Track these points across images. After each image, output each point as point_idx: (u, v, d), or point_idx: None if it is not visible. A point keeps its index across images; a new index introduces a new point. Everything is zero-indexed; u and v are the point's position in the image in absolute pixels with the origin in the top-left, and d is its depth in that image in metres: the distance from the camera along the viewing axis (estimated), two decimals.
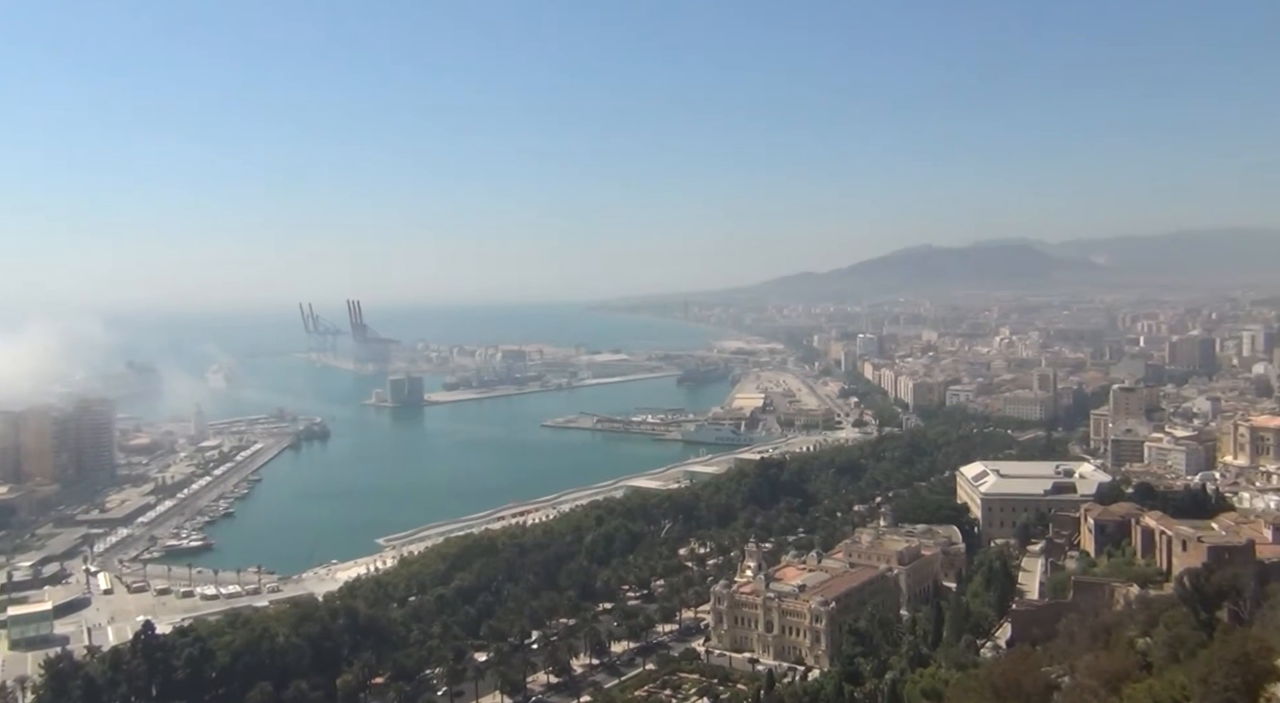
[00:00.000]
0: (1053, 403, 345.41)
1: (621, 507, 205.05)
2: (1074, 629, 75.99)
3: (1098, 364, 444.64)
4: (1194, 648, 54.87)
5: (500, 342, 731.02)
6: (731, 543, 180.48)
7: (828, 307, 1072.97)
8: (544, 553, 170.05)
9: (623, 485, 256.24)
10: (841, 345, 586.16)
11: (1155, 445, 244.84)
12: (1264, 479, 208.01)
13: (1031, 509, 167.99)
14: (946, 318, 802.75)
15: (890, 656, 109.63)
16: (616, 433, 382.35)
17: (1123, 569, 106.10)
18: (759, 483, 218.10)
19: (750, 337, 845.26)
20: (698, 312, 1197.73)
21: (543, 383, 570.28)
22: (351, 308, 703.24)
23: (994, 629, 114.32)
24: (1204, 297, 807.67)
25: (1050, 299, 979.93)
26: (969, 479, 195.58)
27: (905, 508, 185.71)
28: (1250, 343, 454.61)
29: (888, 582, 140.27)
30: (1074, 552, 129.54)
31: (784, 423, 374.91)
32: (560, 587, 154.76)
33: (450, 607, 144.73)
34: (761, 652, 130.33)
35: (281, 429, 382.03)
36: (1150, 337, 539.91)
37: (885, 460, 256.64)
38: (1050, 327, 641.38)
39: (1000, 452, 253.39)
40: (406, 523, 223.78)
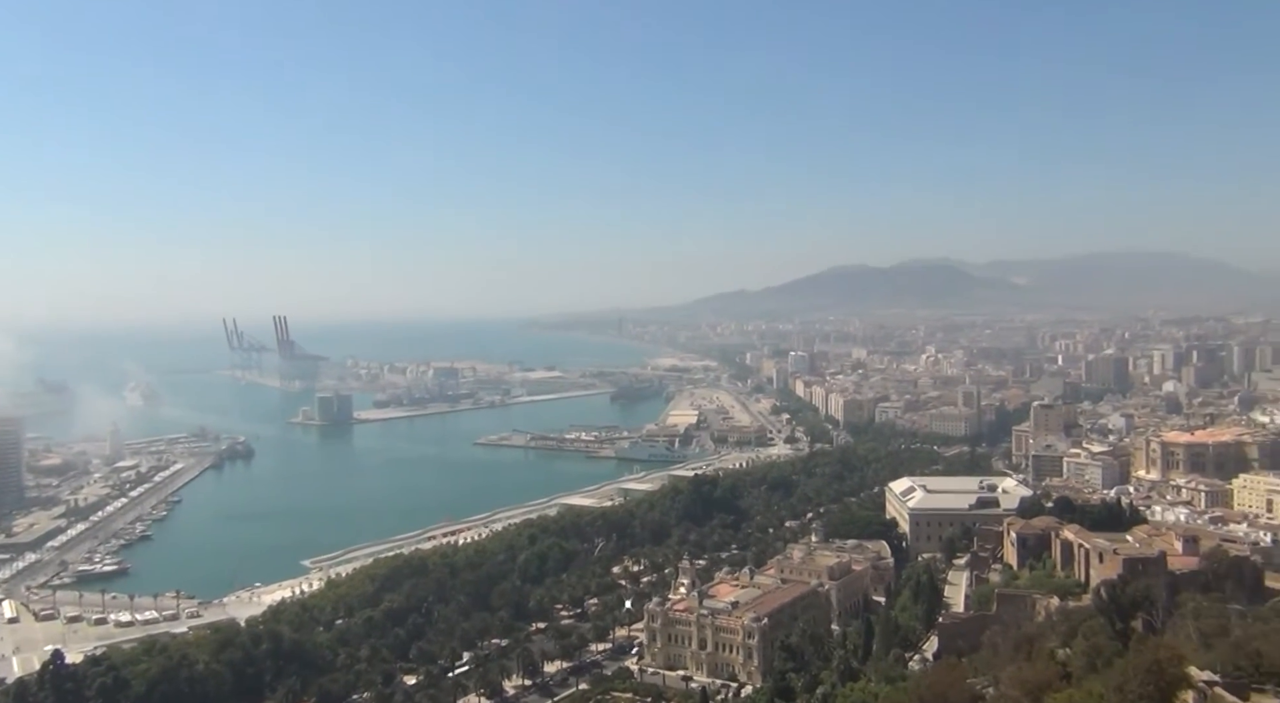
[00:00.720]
0: (977, 419, 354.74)
1: (555, 525, 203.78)
2: (998, 641, 77.86)
3: (1019, 382, 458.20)
4: (1110, 658, 56.55)
5: (432, 358, 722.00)
6: (665, 560, 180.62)
7: (760, 324, 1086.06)
8: (476, 573, 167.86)
9: (556, 503, 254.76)
10: (774, 363, 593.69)
11: (1073, 461, 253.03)
12: (1174, 493, 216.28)
13: (957, 524, 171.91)
14: (875, 336, 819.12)
15: (821, 670, 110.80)
16: (550, 451, 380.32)
17: (1043, 582, 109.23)
18: (692, 500, 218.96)
19: (684, 354, 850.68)
20: (632, 329, 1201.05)
21: (475, 400, 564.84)
22: (278, 324, 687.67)
23: (922, 642, 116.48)
24: (1117, 317, 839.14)
25: (974, 318, 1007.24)
26: (897, 495, 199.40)
27: (836, 524, 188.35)
28: (1161, 362, 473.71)
29: (819, 597, 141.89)
30: (998, 565, 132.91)
31: (717, 440, 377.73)
32: (492, 607, 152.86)
33: (379, 629, 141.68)
34: (695, 669, 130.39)
35: (203, 449, 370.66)
36: (1068, 355, 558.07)
37: (816, 477, 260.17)
38: (974, 345, 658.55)
39: (927, 467, 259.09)
40: (334, 544, 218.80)
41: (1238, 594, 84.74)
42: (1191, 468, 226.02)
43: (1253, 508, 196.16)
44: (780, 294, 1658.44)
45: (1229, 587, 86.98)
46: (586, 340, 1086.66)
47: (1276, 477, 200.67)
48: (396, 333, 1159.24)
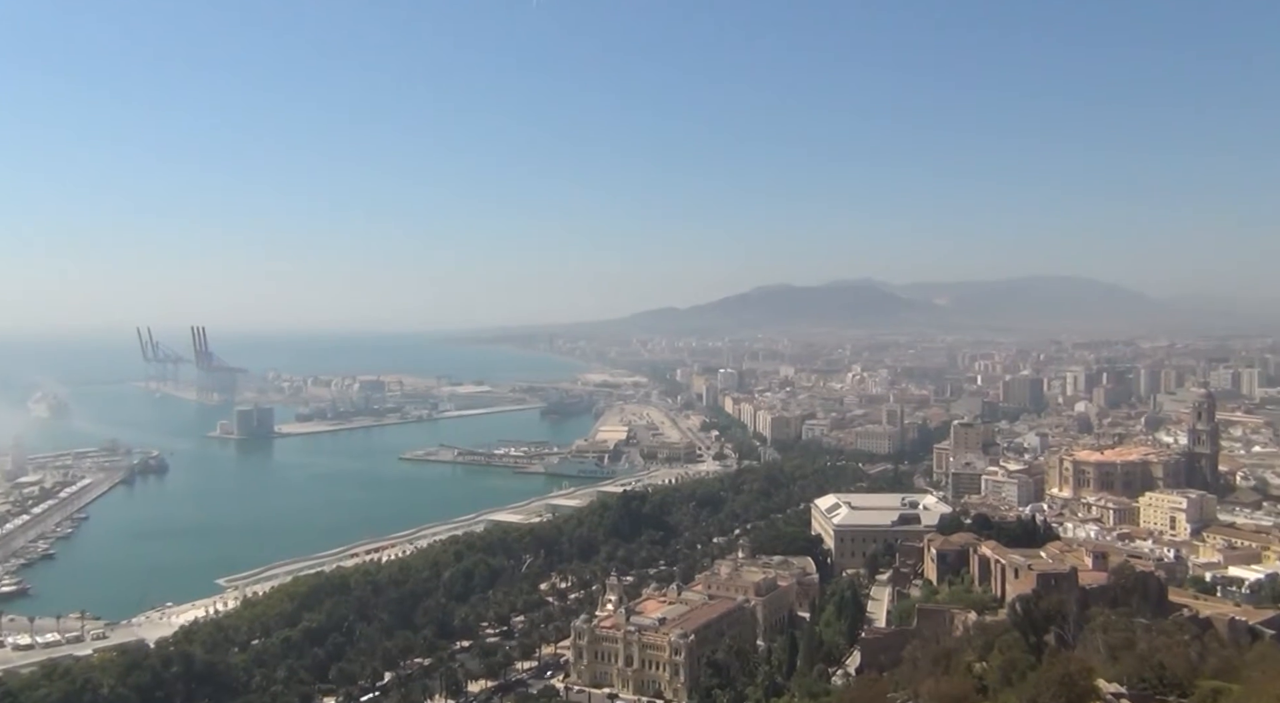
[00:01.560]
0: (900, 437, 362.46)
1: (482, 541, 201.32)
2: (917, 656, 79.44)
3: (940, 401, 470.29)
4: (1024, 671, 58.21)
5: (358, 372, 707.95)
6: (593, 577, 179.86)
7: (690, 341, 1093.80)
8: (400, 591, 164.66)
9: (484, 520, 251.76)
10: (703, 380, 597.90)
11: (991, 478, 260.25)
12: (1085, 510, 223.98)
13: (880, 540, 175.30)
14: (803, 354, 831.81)
15: (747, 686, 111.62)
16: (478, 466, 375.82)
17: (962, 596, 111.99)
18: (621, 516, 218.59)
19: (614, 370, 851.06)
20: (562, 344, 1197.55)
21: (402, 414, 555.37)
22: (196, 334, 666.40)
23: (845, 657, 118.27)
24: (1033, 339, 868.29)
25: (898, 338, 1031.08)
26: (823, 511, 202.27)
27: (763, 540, 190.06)
28: (1073, 383, 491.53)
29: (745, 613, 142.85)
30: (919, 580, 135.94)
31: (647, 456, 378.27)
32: (416, 626, 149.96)
33: (297, 650, 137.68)
34: (621, 687, 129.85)
35: (114, 463, 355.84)
36: (986, 376, 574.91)
37: (744, 493, 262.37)
38: (898, 364, 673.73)
39: (852, 484, 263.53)
40: (251, 562, 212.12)
41: (1143, 608, 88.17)
42: (1101, 486, 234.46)
43: (1157, 525, 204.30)
44: (710, 312, 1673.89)
45: (1135, 601, 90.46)
46: (517, 355, 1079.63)
47: (1179, 495, 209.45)
48: (321, 345, 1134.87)
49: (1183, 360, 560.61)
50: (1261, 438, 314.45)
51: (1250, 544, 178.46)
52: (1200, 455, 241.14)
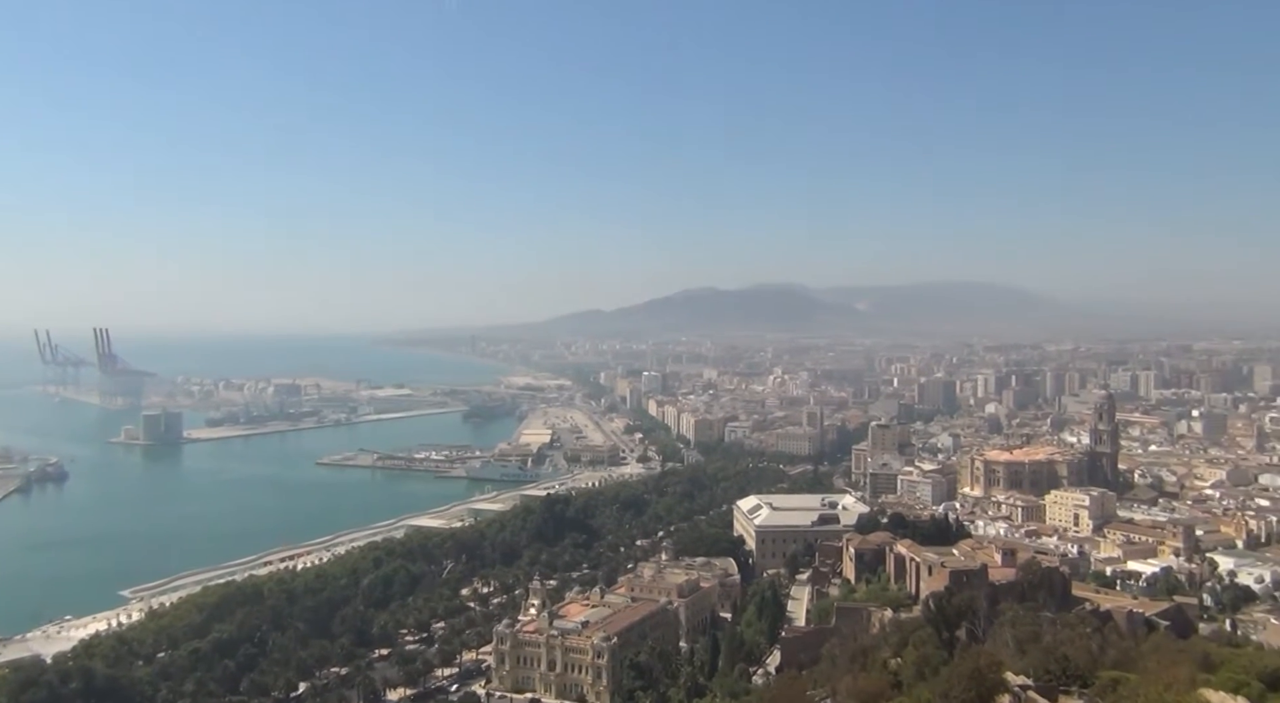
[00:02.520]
0: (820, 439, 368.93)
1: (401, 547, 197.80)
2: (835, 653, 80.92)
3: (858, 403, 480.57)
4: (937, 666, 59.79)
5: (272, 375, 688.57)
6: (516, 581, 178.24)
7: (615, 344, 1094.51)
8: (316, 599, 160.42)
9: (404, 525, 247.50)
10: (627, 382, 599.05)
11: (906, 478, 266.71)
12: (995, 508, 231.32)
13: (801, 540, 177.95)
14: (725, 357, 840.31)
15: (669, 688, 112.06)
16: (398, 470, 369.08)
17: (878, 595, 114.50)
18: (544, 520, 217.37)
19: (538, 373, 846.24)
20: (486, 347, 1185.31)
21: (319, 418, 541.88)
22: (99, 337, 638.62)
23: (765, 657, 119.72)
24: (946, 343, 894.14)
25: (818, 341, 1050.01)
26: (745, 512, 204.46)
27: (686, 541, 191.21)
28: (984, 385, 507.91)
29: (668, 615, 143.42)
30: (837, 579, 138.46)
31: (570, 459, 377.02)
32: (333, 634, 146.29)
33: (206, 662, 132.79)
34: (544, 691, 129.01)
35: (7, 471, 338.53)
36: (902, 378, 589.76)
37: (667, 495, 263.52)
38: (818, 367, 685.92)
39: (773, 485, 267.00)
40: (157, 572, 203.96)
41: (1049, 603, 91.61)
42: (1010, 485, 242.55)
43: (1062, 522, 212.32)
44: (634, 314, 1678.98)
45: (1041, 596, 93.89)
46: (439, 358, 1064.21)
47: (1082, 493, 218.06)
48: (234, 348, 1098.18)
49: (1085, 363, 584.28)
50: (1157, 437, 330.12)
51: (1147, 539, 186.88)
52: (1101, 455, 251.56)
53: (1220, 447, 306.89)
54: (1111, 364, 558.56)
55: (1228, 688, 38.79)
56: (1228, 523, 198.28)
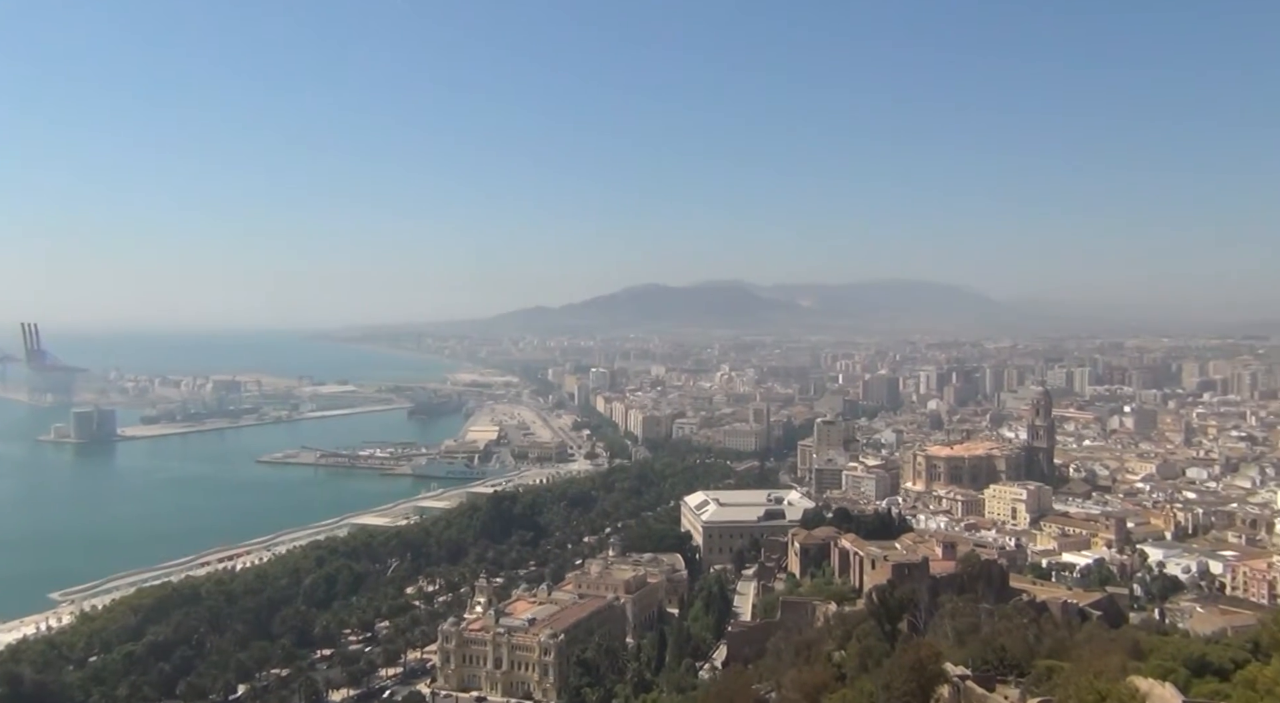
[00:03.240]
0: (766, 435, 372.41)
1: (345, 546, 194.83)
2: (781, 647, 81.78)
3: (804, 399, 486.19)
4: (880, 658, 60.74)
5: (211, 371, 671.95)
6: (462, 579, 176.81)
7: (562, 341, 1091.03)
8: (256, 599, 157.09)
9: (347, 523, 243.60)
10: (575, 379, 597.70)
11: (851, 473, 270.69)
12: (936, 503, 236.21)
13: (747, 536, 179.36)
14: (673, 354, 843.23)
15: (616, 684, 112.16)
16: (341, 468, 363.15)
17: (823, 588, 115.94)
18: (491, 517, 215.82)
19: (485, 369, 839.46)
20: (431, 343, 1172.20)
21: (260, 416, 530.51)
22: (27, 331, 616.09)
23: (712, 651, 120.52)
24: (889, 340, 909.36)
25: (763, 338, 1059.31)
26: (692, 508, 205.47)
27: (633, 538, 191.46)
28: (926, 382, 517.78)
29: (615, 611, 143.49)
30: (783, 574, 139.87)
31: (518, 456, 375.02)
32: (273, 635, 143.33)
33: (141, 665, 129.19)
34: (490, 689, 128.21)
35: None
36: (847, 375, 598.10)
37: (615, 492, 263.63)
38: (764, 364, 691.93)
39: (720, 481, 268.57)
40: (89, 574, 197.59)
41: (987, 594, 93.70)
42: (951, 479, 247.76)
43: (1000, 515, 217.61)
44: (582, 311, 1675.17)
45: (980, 588, 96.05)
46: (384, 354, 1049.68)
47: (1020, 487, 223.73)
48: (171, 344, 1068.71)
49: (1023, 360, 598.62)
50: (1091, 433, 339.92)
51: (1081, 532, 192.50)
52: (1038, 449, 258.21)
53: (1150, 441, 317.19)
54: (1048, 361, 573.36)
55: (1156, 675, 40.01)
56: (1157, 515, 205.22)
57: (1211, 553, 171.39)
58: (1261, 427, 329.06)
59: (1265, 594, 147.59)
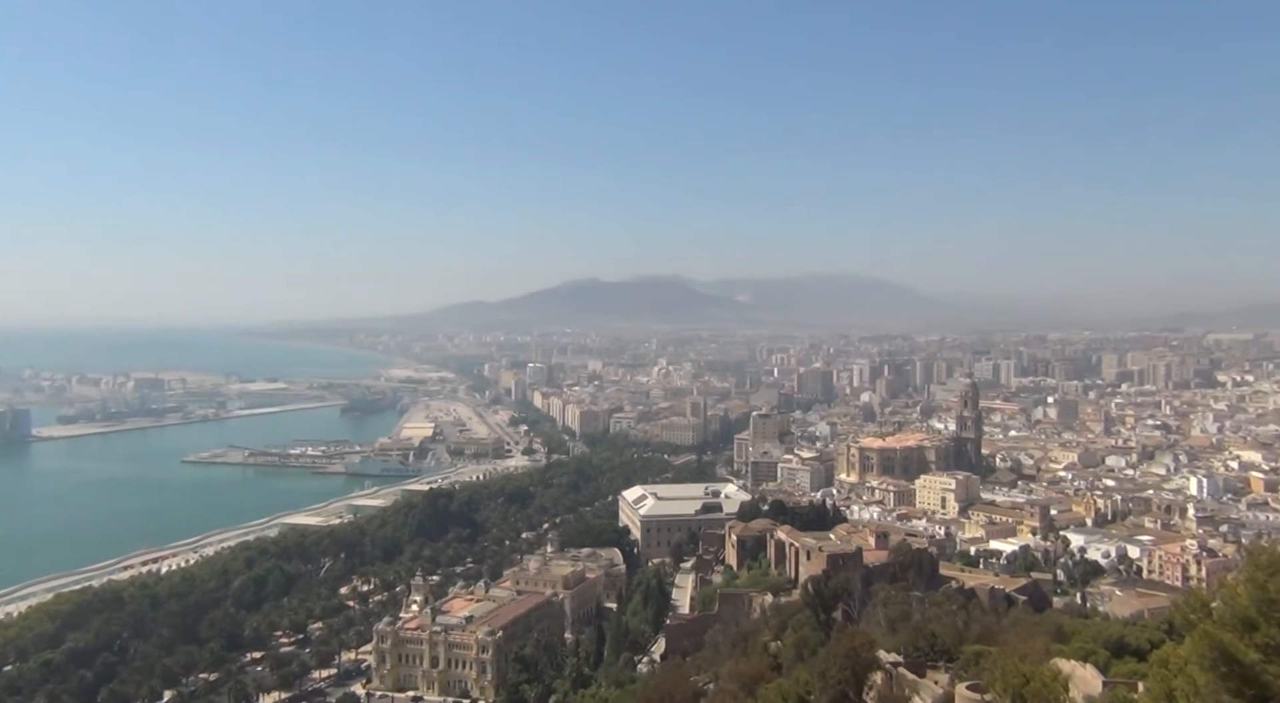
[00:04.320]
0: (703, 428, 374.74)
1: (276, 546, 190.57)
2: (718, 639, 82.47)
3: (740, 393, 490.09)
4: (815, 647, 61.56)
5: (133, 369, 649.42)
6: (398, 578, 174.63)
7: (499, 336, 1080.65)
8: (182, 603, 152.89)
9: (278, 523, 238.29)
10: (512, 374, 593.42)
11: (786, 466, 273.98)
12: (869, 493, 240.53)
13: (685, 529, 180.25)
14: (610, 349, 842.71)
15: (555, 679, 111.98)
16: (272, 467, 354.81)
17: (760, 580, 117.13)
18: (427, 514, 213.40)
19: (420, 365, 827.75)
20: (364, 339, 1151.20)
21: (185, 414, 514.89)
22: None
23: (650, 645, 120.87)
24: (824, 334, 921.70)
25: (701, 333, 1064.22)
26: (630, 503, 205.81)
27: (571, 533, 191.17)
28: (859, 375, 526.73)
29: (553, 607, 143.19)
30: (720, 566, 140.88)
31: (454, 452, 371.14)
32: (201, 639, 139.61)
33: (60, 673, 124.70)
34: (427, 689, 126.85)
35: None
36: (783, 368, 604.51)
37: (553, 487, 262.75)
38: (701, 358, 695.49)
39: (658, 475, 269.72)
40: (2, 580, 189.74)
41: (918, 582, 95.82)
42: (883, 470, 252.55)
43: (931, 505, 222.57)
44: (518, 306, 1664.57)
45: (912, 576, 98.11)
46: (315, 351, 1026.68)
47: (949, 477, 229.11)
48: (90, 341, 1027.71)
49: (952, 353, 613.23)
50: (1017, 423, 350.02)
51: (1007, 520, 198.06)
52: (967, 440, 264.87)
53: (1073, 431, 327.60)
54: (975, 354, 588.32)
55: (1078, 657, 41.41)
56: (1078, 503, 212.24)
57: (1129, 538, 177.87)
58: (1175, 416, 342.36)
59: (1179, 577, 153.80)
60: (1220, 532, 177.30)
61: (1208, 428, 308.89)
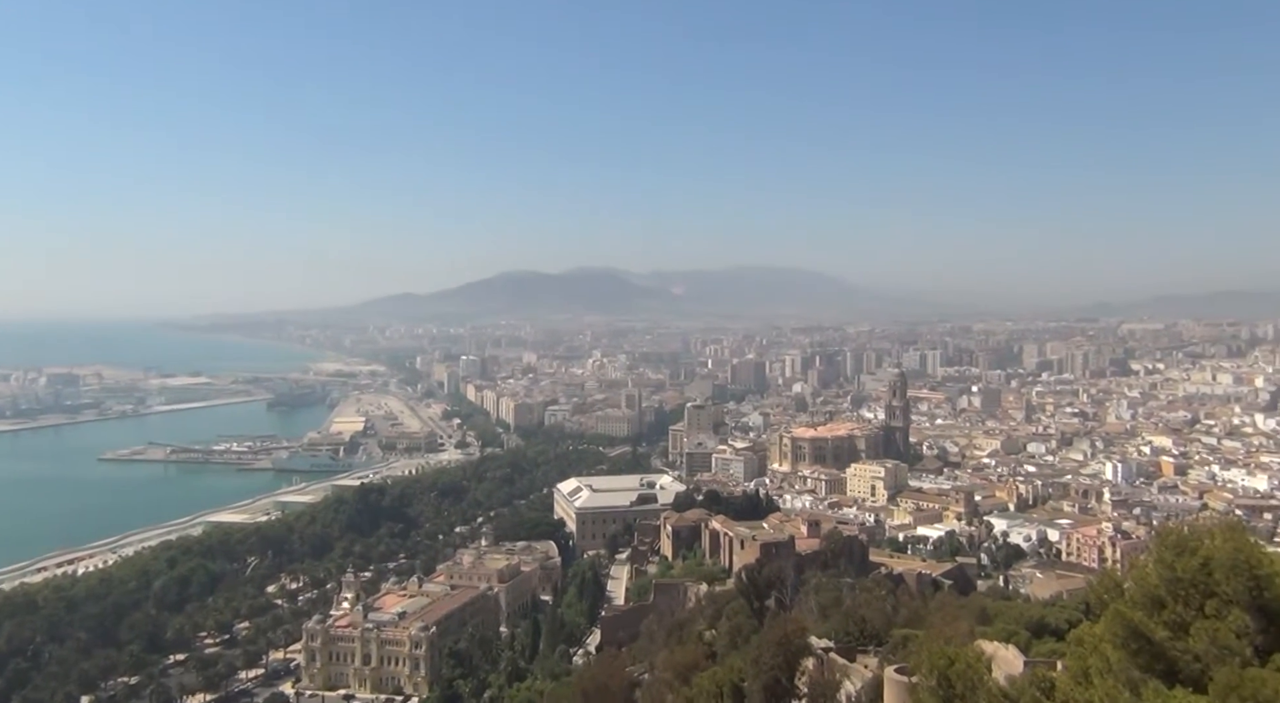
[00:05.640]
0: (638, 420, 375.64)
1: (199, 545, 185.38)
2: (654, 629, 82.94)
3: (675, 384, 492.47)
4: (749, 635, 62.46)
5: (45, 364, 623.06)
6: (328, 575, 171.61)
7: (431, 328, 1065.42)
8: (100, 605, 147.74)
9: (202, 522, 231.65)
10: (445, 367, 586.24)
11: (720, 456, 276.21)
12: (801, 482, 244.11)
13: (620, 521, 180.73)
14: (545, 341, 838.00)
15: (489, 673, 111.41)
16: (195, 464, 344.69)
17: (694, 570, 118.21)
18: (358, 510, 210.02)
19: (350, 358, 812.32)
20: (292, 332, 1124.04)
21: (101, 411, 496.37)
22: None
23: (586, 636, 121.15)
24: (757, 325, 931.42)
25: (635, 324, 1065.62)
26: (565, 495, 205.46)
27: (506, 526, 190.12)
28: (791, 365, 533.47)
29: (489, 600, 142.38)
30: (656, 557, 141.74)
31: (386, 447, 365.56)
32: (121, 642, 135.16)
33: None
34: (358, 687, 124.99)
35: None
36: (716, 360, 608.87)
37: (487, 481, 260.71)
38: (636, 350, 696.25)
39: (593, 468, 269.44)
40: None
41: (849, 569, 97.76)
42: (815, 460, 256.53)
43: (861, 493, 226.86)
44: (451, 298, 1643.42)
45: (843, 563, 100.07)
46: (241, 344, 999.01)
47: (878, 465, 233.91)
48: None
49: (881, 344, 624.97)
50: (943, 412, 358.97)
51: (934, 506, 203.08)
52: (895, 429, 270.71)
53: (995, 419, 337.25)
54: (903, 345, 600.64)
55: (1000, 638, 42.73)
56: (1001, 488, 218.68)
57: (1049, 522, 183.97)
58: (1092, 403, 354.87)
59: (1095, 559, 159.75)
60: (1134, 515, 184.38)
61: (1122, 415, 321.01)
